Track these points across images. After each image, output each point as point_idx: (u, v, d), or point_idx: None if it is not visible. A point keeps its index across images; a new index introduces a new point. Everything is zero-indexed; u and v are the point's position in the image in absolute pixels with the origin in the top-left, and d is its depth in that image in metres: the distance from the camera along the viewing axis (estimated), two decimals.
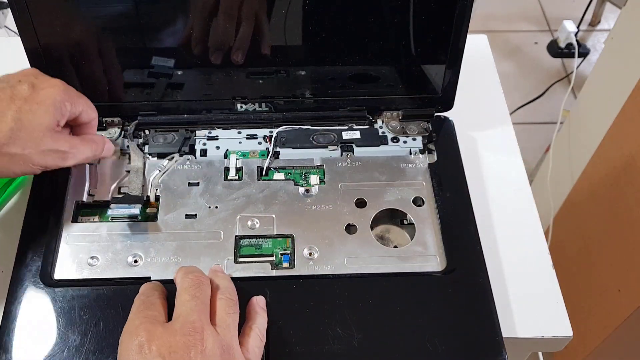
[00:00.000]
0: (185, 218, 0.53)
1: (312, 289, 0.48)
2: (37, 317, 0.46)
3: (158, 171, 0.55)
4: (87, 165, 0.55)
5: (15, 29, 0.51)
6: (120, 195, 0.54)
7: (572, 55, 1.83)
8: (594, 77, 1.05)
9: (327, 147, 0.58)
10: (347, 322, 0.46)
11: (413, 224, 0.53)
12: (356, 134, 0.59)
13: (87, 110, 0.51)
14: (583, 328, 1.00)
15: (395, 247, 0.52)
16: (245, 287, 0.48)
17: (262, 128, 0.59)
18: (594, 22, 1.99)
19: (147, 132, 0.58)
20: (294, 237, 0.52)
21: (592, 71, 1.06)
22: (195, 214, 0.53)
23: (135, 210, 0.51)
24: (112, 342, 0.45)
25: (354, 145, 0.58)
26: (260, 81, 0.57)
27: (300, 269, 0.50)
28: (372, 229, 0.53)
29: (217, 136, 0.59)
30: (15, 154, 0.46)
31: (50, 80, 0.49)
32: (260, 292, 0.47)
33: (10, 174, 0.48)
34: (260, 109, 0.59)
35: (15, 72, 0.49)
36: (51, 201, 0.53)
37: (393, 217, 0.54)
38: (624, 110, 0.90)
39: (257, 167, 0.56)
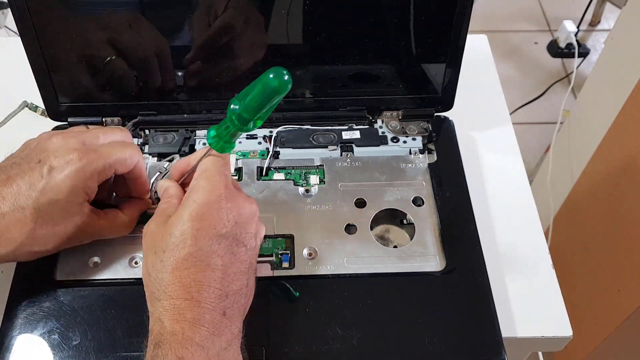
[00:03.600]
0: None
1: (311, 289, 0.48)
2: (39, 317, 0.46)
3: (159, 173, 0.55)
4: None
5: (15, 29, 0.51)
6: None
7: (572, 55, 1.83)
8: (594, 77, 1.05)
9: (327, 147, 0.58)
10: (347, 322, 0.46)
11: (413, 224, 0.53)
12: (356, 134, 0.59)
13: (124, 161, 0.46)
14: (583, 328, 1.00)
15: (395, 247, 0.52)
16: None
17: (262, 128, 0.59)
18: (594, 22, 1.98)
19: (147, 132, 0.58)
20: (293, 237, 0.52)
21: (592, 71, 1.06)
22: None
23: None
24: (112, 342, 0.45)
25: (353, 145, 0.58)
26: None
27: (300, 269, 0.50)
28: (371, 229, 0.53)
29: None
30: (39, 251, 0.44)
31: (67, 157, 0.43)
32: (261, 292, 0.47)
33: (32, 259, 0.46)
34: None
35: (41, 140, 0.45)
36: None
37: (393, 217, 0.54)
38: (624, 110, 0.90)
39: (257, 167, 0.56)
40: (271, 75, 0.40)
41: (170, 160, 0.57)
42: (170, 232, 0.40)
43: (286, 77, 0.40)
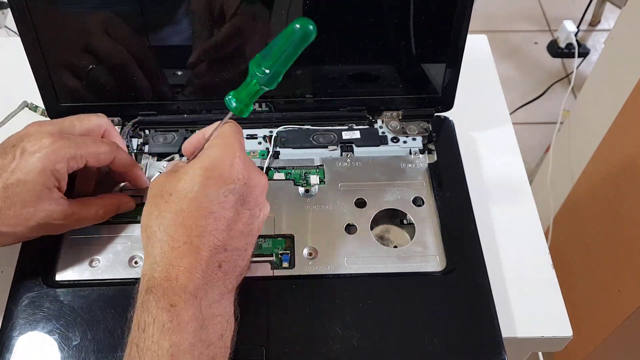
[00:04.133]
0: None
1: (312, 288, 0.48)
2: (38, 318, 0.46)
3: (159, 173, 0.56)
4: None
5: (15, 29, 0.51)
6: None
7: (572, 55, 1.83)
8: (594, 77, 1.05)
9: (327, 147, 0.58)
10: (347, 322, 0.46)
11: (413, 224, 0.53)
12: (356, 134, 0.59)
13: (97, 155, 0.46)
14: (583, 328, 1.00)
15: (395, 247, 0.52)
16: (245, 287, 0.48)
17: (262, 128, 0.59)
18: (594, 22, 1.99)
19: (147, 132, 0.58)
20: (293, 237, 0.52)
21: (592, 71, 1.06)
22: None
23: None
24: (112, 342, 0.45)
25: (353, 145, 0.58)
26: None
27: (300, 269, 0.50)
28: (372, 229, 0.53)
29: None
30: (6, 232, 0.44)
31: (40, 141, 0.44)
32: (260, 292, 0.47)
33: (1, 245, 0.46)
34: (260, 109, 0.59)
35: (22, 129, 0.46)
36: None
37: (393, 217, 0.54)
38: (624, 110, 0.90)
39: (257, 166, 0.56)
40: (297, 25, 0.40)
41: (170, 160, 0.57)
42: (179, 178, 0.41)
43: (311, 27, 0.40)
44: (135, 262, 0.50)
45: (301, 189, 0.55)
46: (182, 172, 0.42)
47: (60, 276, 0.49)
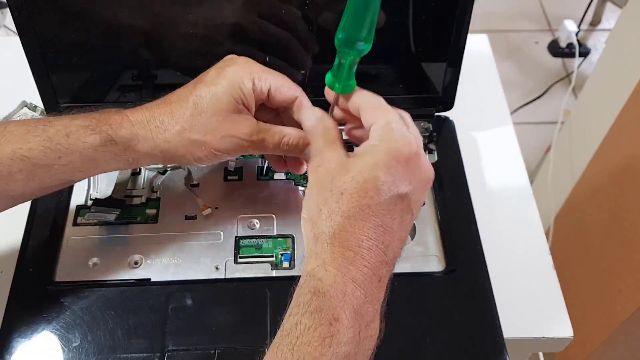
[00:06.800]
0: (185, 219, 0.52)
1: None
2: (38, 319, 0.46)
3: (158, 173, 0.55)
4: None
5: (15, 29, 0.51)
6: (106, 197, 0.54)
7: (572, 55, 1.83)
8: (595, 77, 1.05)
9: None
10: None
11: (414, 224, 0.53)
12: None
13: (280, 88, 0.46)
14: (583, 329, 1.00)
15: None
16: (246, 287, 0.48)
17: None
18: (595, 22, 1.98)
19: None
20: (294, 237, 0.52)
21: (593, 71, 1.06)
22: (195, 215, 0.53)
23: (110, 216, 0.52)
24: (112, 343, 0.45)
25: (354, 146, 0.58)
26: None
27: (300, 269, 0.50)
28: None
29: None
30: (197, 140, 0.44)
31: (236, 59, 0.46)
32: (261, 292, 0.47)
33: (196, 160, 0.45)
34: None
35: None
36: (54, 204, 0.53)
37: None
38: (625, 110, 0.90)
39: (257, 166, 0.56)
40: None
41: None
42: (353, 176, 0.38)
43: None
44: (136, 263, 0.50)
45: (302, 189, 0.55)
46: (354, 166, 0.38)
47: (59, 277, 0.49)
